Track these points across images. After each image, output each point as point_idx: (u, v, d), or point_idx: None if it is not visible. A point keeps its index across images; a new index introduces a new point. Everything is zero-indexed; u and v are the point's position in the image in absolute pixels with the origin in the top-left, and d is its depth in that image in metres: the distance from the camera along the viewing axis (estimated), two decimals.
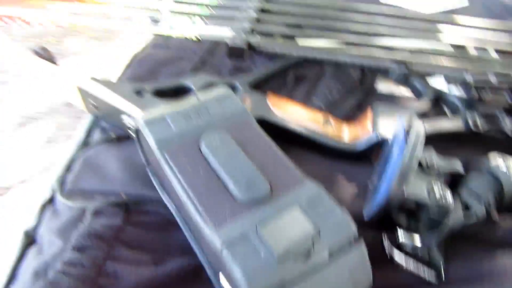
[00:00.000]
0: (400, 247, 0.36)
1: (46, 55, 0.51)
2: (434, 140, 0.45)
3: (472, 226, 0.39)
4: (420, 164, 0.35)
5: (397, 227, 0.36)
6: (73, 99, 0.51)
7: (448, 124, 0.43)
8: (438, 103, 0.48)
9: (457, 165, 0.36)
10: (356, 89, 0.53)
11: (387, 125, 0.43)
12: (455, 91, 0.46)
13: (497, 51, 0.49)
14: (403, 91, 0.52)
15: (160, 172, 0.39)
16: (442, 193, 0.33)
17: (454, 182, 0.37)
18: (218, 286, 0.35)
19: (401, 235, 0.35)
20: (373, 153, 0.44)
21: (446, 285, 0.35)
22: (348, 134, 0.44)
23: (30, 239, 0.39)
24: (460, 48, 0.49)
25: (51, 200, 0.42)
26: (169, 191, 0.40)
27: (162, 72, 0.55)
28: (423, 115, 0.46)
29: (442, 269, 0.35)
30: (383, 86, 0.55)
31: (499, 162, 0.36)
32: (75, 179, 0.44)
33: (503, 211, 0.38)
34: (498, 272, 0.35)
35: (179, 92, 0.51)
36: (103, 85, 0.47)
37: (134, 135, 0.41)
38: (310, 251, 0.28)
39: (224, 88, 0.40)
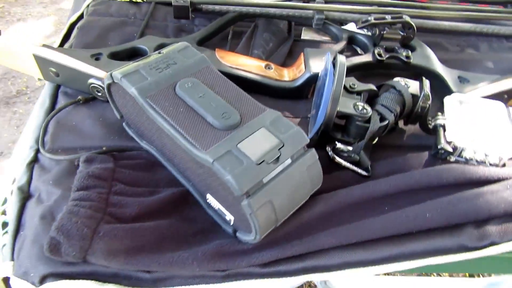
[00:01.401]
0: (338, 154, 0.48)
1: None
2: (353, 72, 0.57)
3: (386, 136, 0.52)
4: (345, 87, 0.46)
5: (335, 140, 0.47)
6: (26, 67, 0.53)
7: (361, 58, 0.55)
8: (351, 44, 0.60)
9: (372, 87, 0.48)
10: (286, 40, 0.62)
11: (316, 64, 0.53)
12: (363, 32, 0.58)
13: None
14: (324, 37, 0.63)
15: (138, 120, 0.45)
16: (364, 107, 0.45)
17: (371, 100, 0.49)
18: (205, 204, 0.43)
19: (339, 144, 0.46)
20: (309, 88, 0.54)
21: (373, 178, 0.47)
22: (288, 75, 0.54)
23: (25, 194, 0.44)
24: None
25: (35, 159, 0.46)
26: (149, 136, 0.46)
27: (110, 38, 0.59)
28: (341, 53, 0.57)
29: (369, 166, 0.47)
30: (307, 34, 0.65)
31: (400, 81, 0.49)
32: (52, 139, 0.47)
33: (407, 122, 0.52)
34: (407, 166, 0.48)
35: (132, 55, 0.56)
36: (61, 51, 0.51)
37: (106, 93, 0.46)
38: (279, 157, 0.38)
39: (181, 42, 0.47)
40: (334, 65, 0.46)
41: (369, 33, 0.58)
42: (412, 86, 0.49)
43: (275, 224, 0.38)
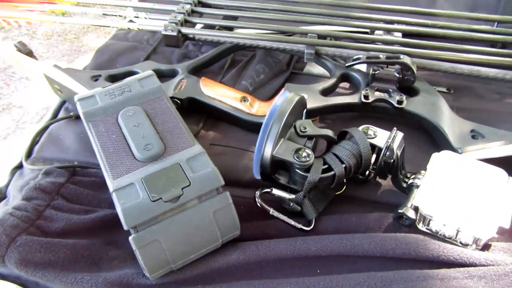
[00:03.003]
0: (281, 202, 0.44)
1: (24, 49, 0.61)
2: (337, 112, 0.52)
3: (357, 188, 0.46)
4: (295, 130, 0.42)
5: (274, 184, 0.43)
6: (41, 83, 0.61)
7: (345, 98, 0.50)
8: (347, 79, 0.55)
9: (329, 132, 0.43)
10: (283, 72, 0.60)
11: None
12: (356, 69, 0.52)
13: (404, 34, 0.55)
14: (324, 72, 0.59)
15: None
16: (307, 154, 0.40)
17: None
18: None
19: (275, 190, 0.42)
20: None
21: (316, 233, 0.42)
22: (257, 109, 0.51)
23: (1, 195, 0.50)
24: (371, 32, 0.55)
25: (20, 166, 0.53)
26: None
27: (119, 61, 0.64)
28: (329, 90, 0.53)
29: (313, 219, 0.42)
30: (312, 68, 0.62)
31: (370, 129, 0.43)
32: (39, 149, 0.54)
33: (375, 176, 0.45)
34: (360, 226, 0.42)
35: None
36: (64, 72, 0.57)
37: None
38: (180, 196, 0.36)
39: (148, 71, 0.49)
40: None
41: (364, 72, 0.52)
42: (380, 136, 0.42)
43: (168, 264, 0.37)
